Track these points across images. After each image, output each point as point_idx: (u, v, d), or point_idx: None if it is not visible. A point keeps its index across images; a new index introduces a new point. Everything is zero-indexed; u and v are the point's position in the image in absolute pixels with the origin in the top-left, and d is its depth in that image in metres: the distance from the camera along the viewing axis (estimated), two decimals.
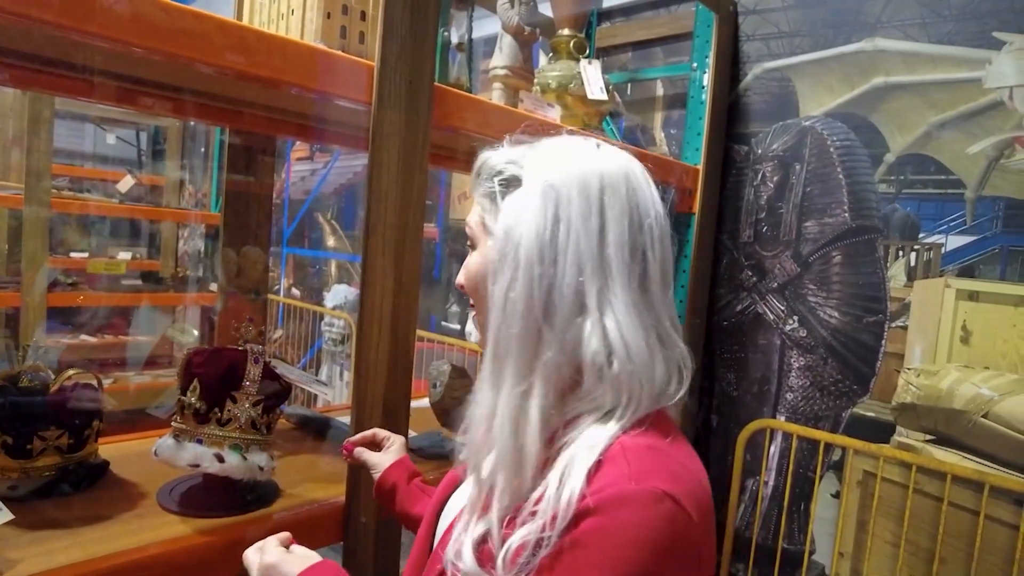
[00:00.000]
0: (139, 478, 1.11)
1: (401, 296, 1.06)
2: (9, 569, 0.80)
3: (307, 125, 1.39)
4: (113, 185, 3.93)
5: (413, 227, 1.07)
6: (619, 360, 0.60)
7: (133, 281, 3.73)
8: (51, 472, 1.01)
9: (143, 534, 0.92)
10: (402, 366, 1.08)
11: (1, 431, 0.96)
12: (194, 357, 1.01)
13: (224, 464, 0.95)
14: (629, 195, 0.64)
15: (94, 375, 1.11)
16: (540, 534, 0.55)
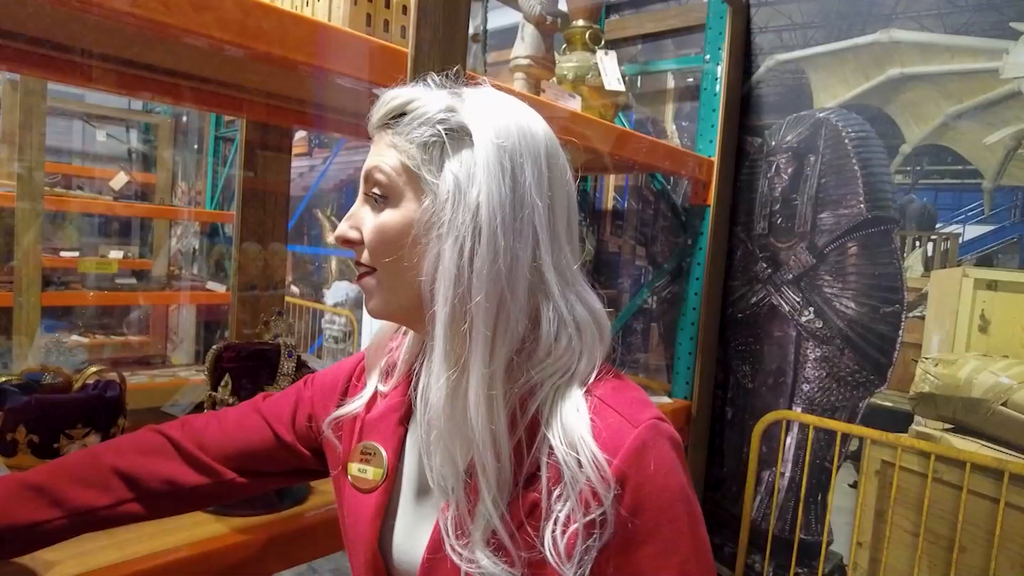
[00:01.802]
0: None
1: None
2: (47, 571, 0.77)
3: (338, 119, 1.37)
4: (104, 182, 3.87)
5: None
6: (577, 327, 0.60)
7: (127, 280, 3.67)
8: None
9: (179, 533, 0.89)
10: None
11: (27, 430, 0.93)
12: (224, 352, 0.99)
13: None
14: (562, 162, 0.63)
15: (117, 372, 1.09)
16: (587, 516, 0.54)
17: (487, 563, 0.56)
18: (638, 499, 0.55)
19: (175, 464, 0.76)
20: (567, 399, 0.58)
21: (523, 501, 0.57)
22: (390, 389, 0.71)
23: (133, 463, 0.74)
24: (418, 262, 0.60)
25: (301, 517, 0.99)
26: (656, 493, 0.55)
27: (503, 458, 0.57)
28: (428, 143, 0.59)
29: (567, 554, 0.53)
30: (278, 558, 0.94)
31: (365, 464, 0.69)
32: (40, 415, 0.94)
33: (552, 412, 0.58)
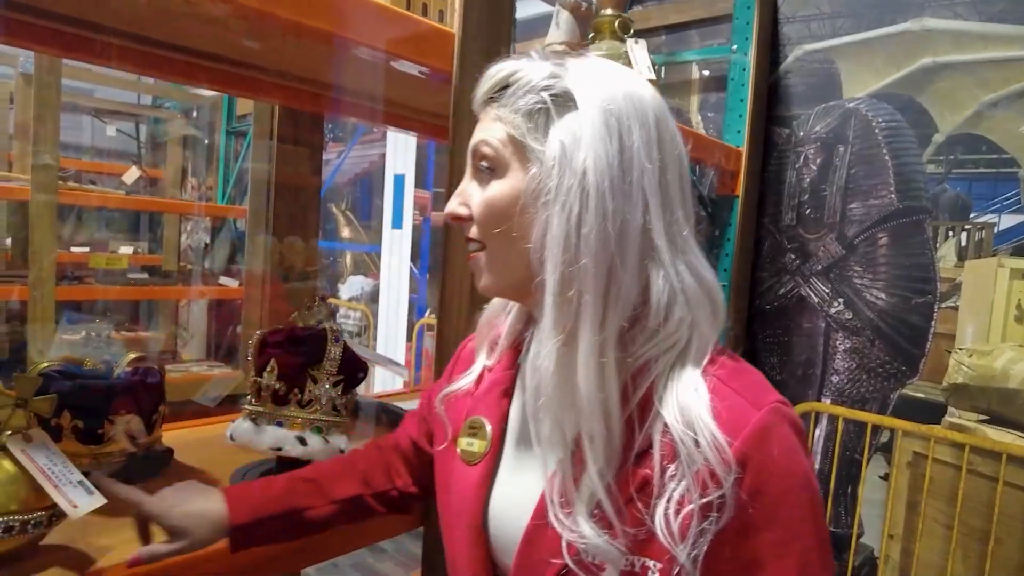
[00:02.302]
0: (203, 465, 1.07)
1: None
2: (101, 556, 0.76)
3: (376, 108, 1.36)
4: (116, 178, 3.85)
5: None
6: (688, 299, 0.58)
7: (138, 275, 3.66)
8: (121, 458, 0.97)
9: None
10: None
11: (72, 415, 0.92)
12: (269, 337, 0.97)
13: (307, 447, 0.92)
14: (672, 126, 0.61)
15: (156, 360, 1.07)
16: (704, 497, 0.52)
17: (590, 533, 0.54)
18: (759, 482, 0.53)
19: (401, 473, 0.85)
20: (683, 377, 0.56)
21: (633, 477, 0.55)
22: (495, 364, 0.73)
23: (376, 467, 0.84)
24: (527, 232, 0.59)
25: None
26: (778, 477, 0.54)
27: (612, 428, 0.56)
28: (533, 111, 0.59)
29: (680, 534, 0.52)
30: (328, 546, 0.92)
31: (472, 438, 0.69)
32: (84, 400, 0.93)
33: (667, 390, 0.56)
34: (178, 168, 4.27)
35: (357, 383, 1.01)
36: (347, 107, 1.40)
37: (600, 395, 0.56)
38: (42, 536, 0.74)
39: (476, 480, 0.67)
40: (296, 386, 0.94)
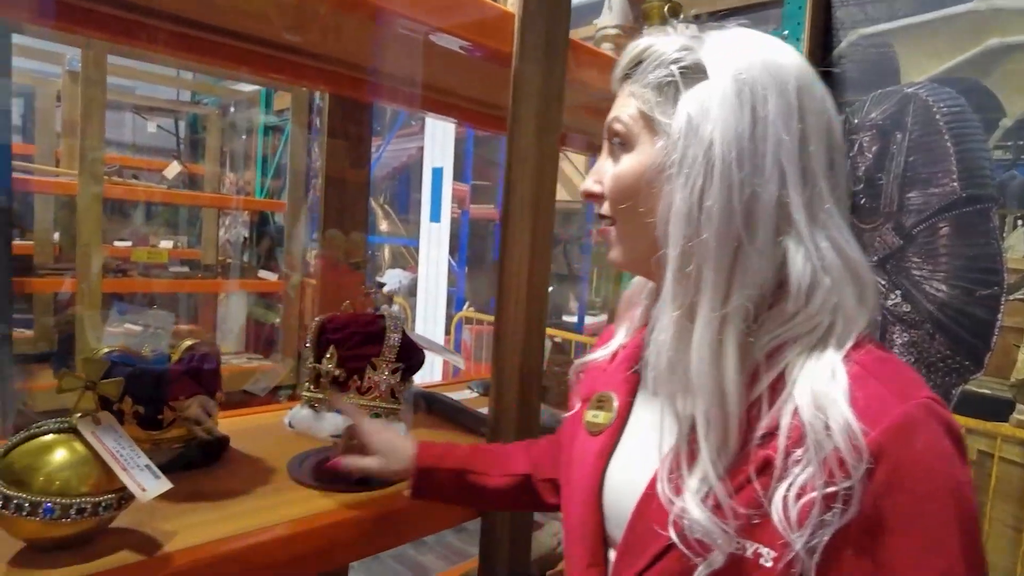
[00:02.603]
0: (258, 452, 1.07)
1: (536, 258, 1.00)
2: (167, 541, 0.76)
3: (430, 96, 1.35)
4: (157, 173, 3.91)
5: (548, 186, 1.02)
6: (831, 278, 0.54)
7: (179, 268, 3.72)
8: (179, 444, 0.97)
9: (287, 508, 0.87)
10: (536, 331, 1.03)
11: (133, 400, 0.92)
12: (327, 324, 0.96)
13: None
14: (820, 94, 0.57)
15: (211, 345, 1.07)
16: (829, 486, 0.48)
17: (697, 512, 0.52)
18: (895, 479, 0.48)
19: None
20: (821, 361, 0.53)
21: (755, 456, 0.53)
22: (628, 340, 0.73)
23: (546, 454, 0.84)
24: (653, 206, 0.58)
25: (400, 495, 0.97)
26: (919, 477, 0.49)
27: (727, 409, 0.53)
28: (662, 84, 0.58)
29: (798, 520, 0.48)
30: (388, 535, 0.91)
31: (598, 410, 0.69)
32: (145, 386, 0.93)
33: (802, 372, 0.53)
34: (216, 163, 4.33)
35: (415, 371, 1.00)
36: (400, 95, 1.39)
37: (714, 373, 0.53)
38: (112, 519, 0.74)
39: (596, 451, 0.67)
40: (355, 373, 0.93)
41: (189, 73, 4.07)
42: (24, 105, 4.10)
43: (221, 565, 0.75)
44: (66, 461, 0.71)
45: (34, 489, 0.68)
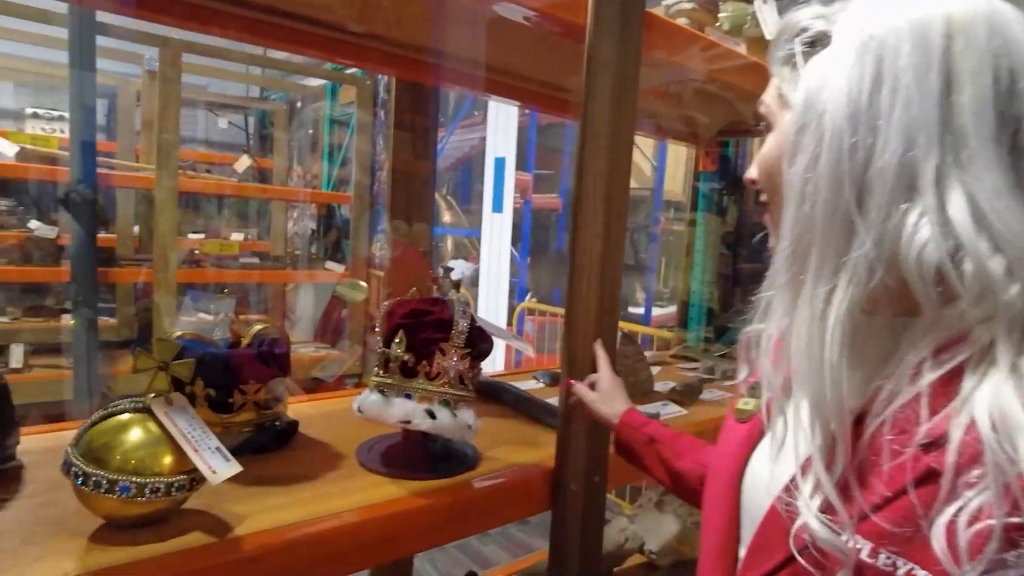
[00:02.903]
0: (327, 438, 1.06)
1: (609, 241, 0.95)
2: (238, 524, 0.75)
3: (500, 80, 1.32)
4: (228, 167, 4.03)
5: (623, 164, 0.96)
6: (1007, 257, 0.44)
7: (249, 259, 3.82)
8: (249, 428, 0.97)
9: (357, 494, 0.86)
10: (608, 318, 0.98)
11: (205, 383, 0.92)
12: (397, 308, 0.94)
13: (436, 421, 0.88)
14: (992, 42, 0.47)
15: (281, 329, 1.07)
16: (1011, 517, 0.40)
17: (815, 524, 0.47)
18: None
19: None
20: (1007, 367, 0.44)
21: (915, 465, 0.45)
22: None
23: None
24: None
25: (472, 484, 0.94)
26: None
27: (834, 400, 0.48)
28: (791, 57, 0.55)
29: (969, 551, 0.40)
30: (457, 525, 0.89)
31: (751, 397, 0.66)
32: (216, 369, 0.93)
33: (983, 379, 0.45)
34: (284, 157, 4.43)
35: (483, 357, 0.97)
36: (466, 78, 1.36)
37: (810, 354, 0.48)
38: (183, 500, 0.74)
39: (741, 438, 0.64)
40: (424, 358, 0.91)
41: (258, 69, 4.18)
42: (107, 105, 4.29)
43: (290, 550, 0.74)
44: (141, 441, 0.71)
45: (111, 467, 0.68)
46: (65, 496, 0.70)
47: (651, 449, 0.88)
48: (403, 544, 0.89)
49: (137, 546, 0.68)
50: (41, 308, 3.36)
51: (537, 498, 0.98)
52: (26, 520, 0.72)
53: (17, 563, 0.63)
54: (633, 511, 1.89)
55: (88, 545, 0.68)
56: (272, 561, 0.73)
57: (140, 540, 0.69)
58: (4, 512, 0.73)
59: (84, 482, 0.67)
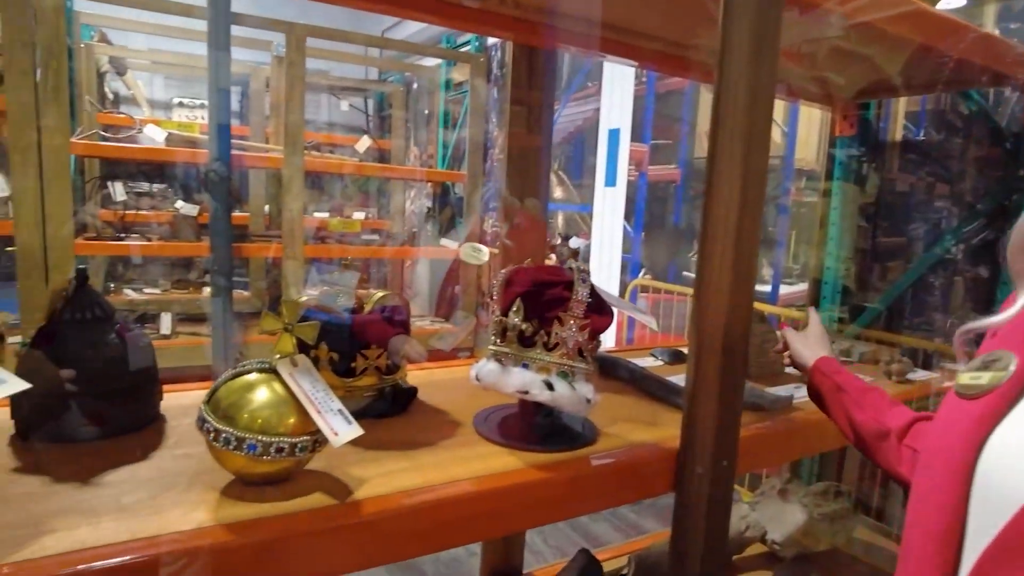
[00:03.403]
0: (444, 405, 1.06)
1: (746, 206, 0.87)
2: (358, 487, 0.75)
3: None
4: (349, 148, 4.18)
5: (763, 118, 0.87)
6: None
7: (369, 237, 3.97)
8: (370, 393, 0.98)
9: (474, 463, 0.84)
10: (744, 290, 0.90)
11: (329, 347, 0.94)
12: (514, 275, 0.91)
13: (554, 393, 0.84)
14: None
15: (401, 297, 1.08)
16: None
17: None
18: None
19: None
20: None
21: None
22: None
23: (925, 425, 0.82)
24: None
25: (590, 461, 0.90)
26: None
27: None
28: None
29: None
30: (575, 502, 0.85)
31: (982, 372, 0.58)
32: (340, 334, 0.94)
33: None
34: (402, 137, 4.54)
35: (604, 328, 0.92)
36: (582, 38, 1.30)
37: None
38: (307, 460, 0.75)
39: (976, 415, 0.55)
40: (542, 327, 0.87)
41: (376, 51, 4.29)
42: (241, 92, 4.57)
43: (408, 516, 0.73)
44: (267, 401, 0.72)
45: (239, 425, 0.70)
46: (201, 450, 0.73)
47: (837, 397, 0.91)
48: (519, 517, 0.87)
49: (263, 503, 0.69)
50: (186, 281, 3.67)
51: (659, 480, 0.92)
52: (167, 470, 0.76)
53: (157, 510, 0.66)
54: (754, 499, 1.78)
55: (219, 498, 0.70)
56: (389, 526, 0.72)
57: (267, 497, 0.70)
58: (149, 462, 0.78)
59: (215, 438, 0.69)
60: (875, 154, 1.92)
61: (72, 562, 0.57)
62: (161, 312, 3.09)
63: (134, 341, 0.87)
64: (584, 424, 0.98)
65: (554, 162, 3.40)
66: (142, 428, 0.87)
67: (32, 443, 0.80)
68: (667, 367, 1.42)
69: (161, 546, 0.60)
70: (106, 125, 3.20)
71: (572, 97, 3.21)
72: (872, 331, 1.97)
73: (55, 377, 0.79)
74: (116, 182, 3.33)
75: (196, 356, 2.88)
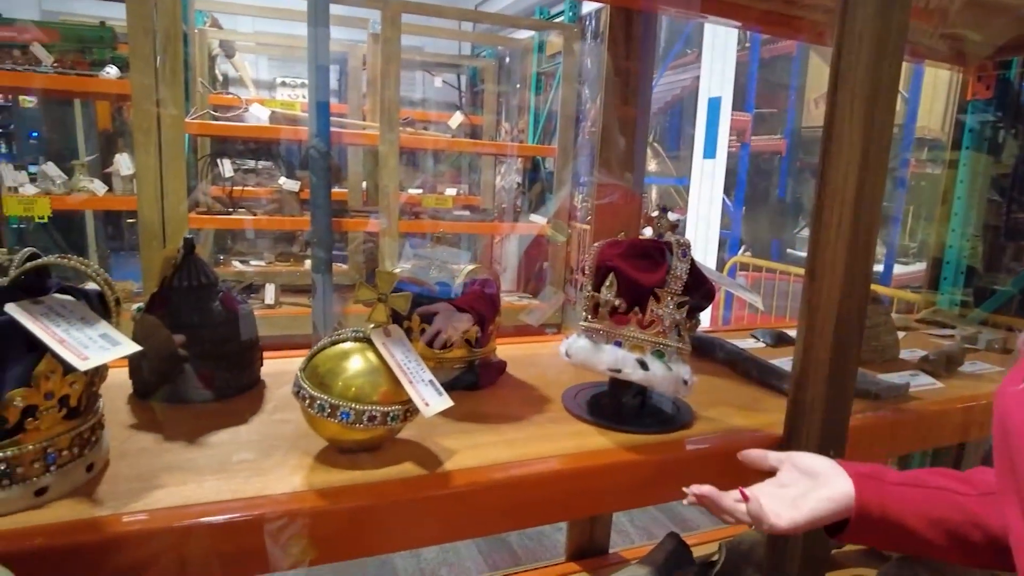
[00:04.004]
0: (533, 380, 1.04)
1: (867, 173, 0.79)
2: (447, 458, 0.75)
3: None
4: (442, 124, 4.22)
5: (888, 81, 0.79)
6: None
7: (461, 212, 4.02)
8: (460, 365, 0.98)
9: (563, 440, 0.82)
10: (862, 269, 0.82)
11: (420, 319, 0.94)
12: (608, 249, 0.87)
13: (648, 372, 0.81)
14: None
15: (492, 270, 1.06)
16: None
17: None
18: None
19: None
20: None
21: None
22: None
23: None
24: None
25: (685, 444, 0.86)
26: None
27: None
28: None
29: None
30: (664, 487, 0.81)
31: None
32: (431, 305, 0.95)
33: None
34: (493, 113, 4.54)
35: (704, 307, 0.87)
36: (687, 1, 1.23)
37: None
38: (398, 430, 0.76)
39: None
40: (636, 304, 0.83)
41: (470, 26, 4.28)
42: (339, 70, 4.69)
43: (496, 491, 0.73)
44: (361, 370, 0.73)
45: (334, 393, 0.71)
46: (298, 416, 0.75)
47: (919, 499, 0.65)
48: (608, 499, 0.84)
49: (356, 470, 0.70)
50: (289, 254, 3.84)
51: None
52: (266, 434, 0.78)
53: (256, 472, 0.69)
54: None
55: (313, 463, 0.71)
56: (478, 499, 0.71)
57: (359, 464, 0.71)
58: (249, 425, 0.81)
59: (310, 405, 0.70)
60: (1015, 119, 1.72)
61: (180, 517, 0.60)
62: (266, 283, 3.26)
63: (237, 309, 0.91)
64: (679, 406, 0.94)
65: (650, 134, 3.29)
66: (244, 392, 0.91)
67: (147, 402, 0.85)
68: (769, 349, 1.35)
69: (259, 508, 0.62)
70: (216, 105, 3.37)
71: (670, 65, 3.08)
72: (1001, 316, 1.79)
73: (168, 340, 0.83)
74: (225, 160, 3.52)
75: (298, 325, 3.02)
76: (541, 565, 1.46)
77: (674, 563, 1.18)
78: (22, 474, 0.58)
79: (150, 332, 0.82)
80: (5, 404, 0.56)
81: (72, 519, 0.58)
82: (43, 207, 2.60)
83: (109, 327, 0.63)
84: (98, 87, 2.72)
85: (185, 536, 0.59)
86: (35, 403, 0.58)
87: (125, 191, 2.87)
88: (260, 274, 3.50)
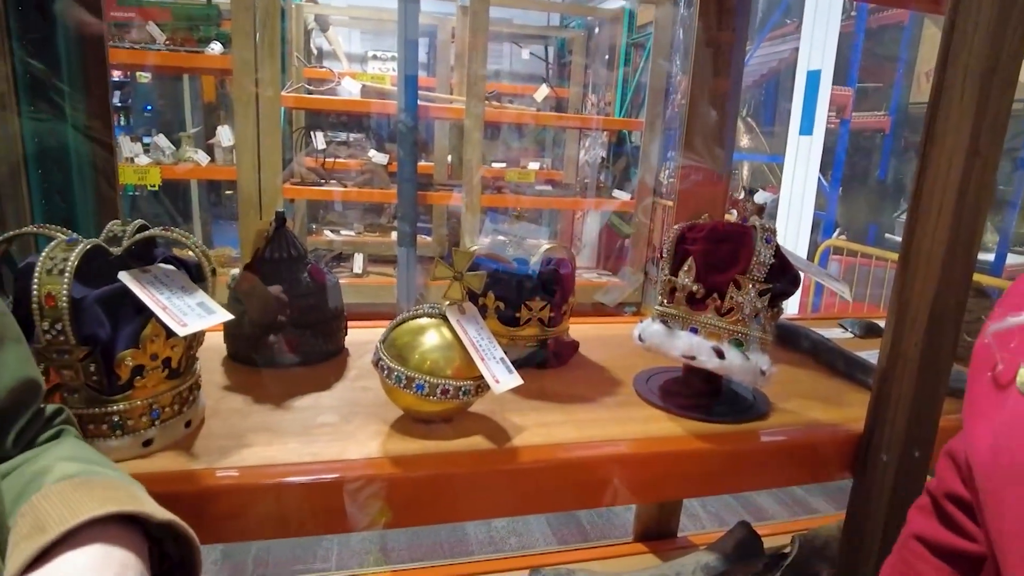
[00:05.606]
0: (605, 362, 1.04)
1: (977, 156, 0.73)
2: (516, 435, 0.76)
3: None
4: (529, 97, 4.20)
5: (1008, 56, 0.72)
6: None
7: (543, 187, 4.01)
8: (532, 343, 0.99)
9: (632, 424, 0.82)
10: (963, 255, 0.77)
11: (496, 296, 0.96)
12: (687, 232, 0.86)
13: (724, 361, 0.79)
14: None
15: (567, 251, 1.06)
16: None
17: None
18: None
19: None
20: None
21: None
22: None
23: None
24: None
25: (759, 435, 0.84)
26: None
27: None
28: None
29: None
30: (735, 477, 0.80)
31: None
32: (506, 283, 0.96)
33: None
34: (580, 85, 4.47)
35: (787, 295, 0.84)
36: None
37: None
38: (470, 404, 0.78)
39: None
40: (715, 290, 0.81)
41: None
42: (428, 44, 4.75)
43: (563, 470, 0.74)
44: (436, 344, 0.75)
45: (410, 365, 0.73)
46: (377, 385, 0.78)
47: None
48: (677, 486, 0.84)
49: (429, 440, 0.73)
50: (377, 225, 3.97)
51: (836, 463, 0.84)
52: (347, 400, 0.82)
53: (336, 437, 0.73)
54: None
55: (390, 431, 0.75)
56: (544, 477, 0.73)
57: (432, 435, 0.74)
58: (332, 392, 0.85)
59: (388, 376, 0.73)
60: None
61: (265, 475, 0.64)
62: (355, 253, 3.38)
63: (324, 280, 0.95)
64: (755, 395, 0.91)
65: (742, 108, 3.15)
66: (329, 359, 0.96)
67: (239, 365, 0.91)
68: (857, 341, 1.28)
69: (336, 471, 0.65)
70: (310, 79, 3.49)
71: (767, 36, 2.92)
72: None
73: (266, 294, 0.88)
74: (318, 132, 3.65)
75: (384, 294, 3.13)
76: (608, 543, 1.47)
77: (743, 553, 1.16)
78: (132, 426, 0.65)
79: (252, 289, 0.88)
80: (118, 362, 0.62)
81: (173, 470, 0.64)
82: (154, 176, 2.80)
83: (206, 296, 0.68)
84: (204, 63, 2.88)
85: (269, 493, 0.63)
86: (142, 363, 0.64)
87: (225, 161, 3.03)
88: (349, 244, 3.63)
